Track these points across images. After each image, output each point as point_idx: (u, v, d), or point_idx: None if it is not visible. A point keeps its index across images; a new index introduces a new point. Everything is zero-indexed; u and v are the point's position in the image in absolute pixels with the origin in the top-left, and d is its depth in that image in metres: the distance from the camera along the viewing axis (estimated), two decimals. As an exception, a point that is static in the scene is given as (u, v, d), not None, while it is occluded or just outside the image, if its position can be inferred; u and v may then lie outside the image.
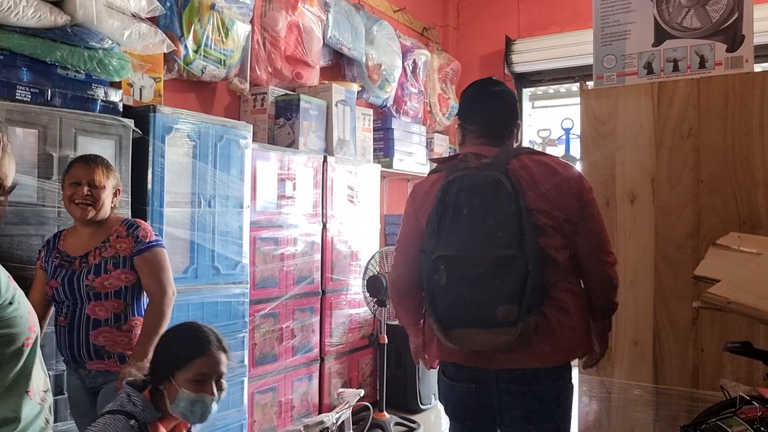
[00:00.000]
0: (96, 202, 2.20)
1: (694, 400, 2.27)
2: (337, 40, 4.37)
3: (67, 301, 2.21)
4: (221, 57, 3.46)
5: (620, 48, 2.59)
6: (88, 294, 2.19)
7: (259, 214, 3.51)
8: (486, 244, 1.74)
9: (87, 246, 2.25)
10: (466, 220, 1.78)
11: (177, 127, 2.92)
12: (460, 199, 1.79)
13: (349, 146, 4.32)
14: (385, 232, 5.32)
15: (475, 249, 1.75)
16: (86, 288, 2.19)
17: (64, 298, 2.21)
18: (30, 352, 1.13)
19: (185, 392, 1.75)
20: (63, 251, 2.27)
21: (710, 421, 1.63)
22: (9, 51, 2.38)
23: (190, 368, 1.76)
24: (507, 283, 1.71)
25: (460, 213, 1.79)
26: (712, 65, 2.46)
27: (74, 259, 2.23)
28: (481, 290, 1.72)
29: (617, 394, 2.43)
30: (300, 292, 3.82)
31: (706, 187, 2.35)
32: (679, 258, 2.38)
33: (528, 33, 5.95)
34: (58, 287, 2.21)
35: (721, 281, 1.69)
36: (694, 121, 2.38)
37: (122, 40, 2.71)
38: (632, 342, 2.43)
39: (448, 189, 1.82)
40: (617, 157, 2.51)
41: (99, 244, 2.25)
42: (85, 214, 2.19)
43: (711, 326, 2.30)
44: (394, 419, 4.03)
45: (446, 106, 5.96)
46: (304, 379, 3.89)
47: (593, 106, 2.57)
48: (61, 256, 2.25)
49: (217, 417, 3.09)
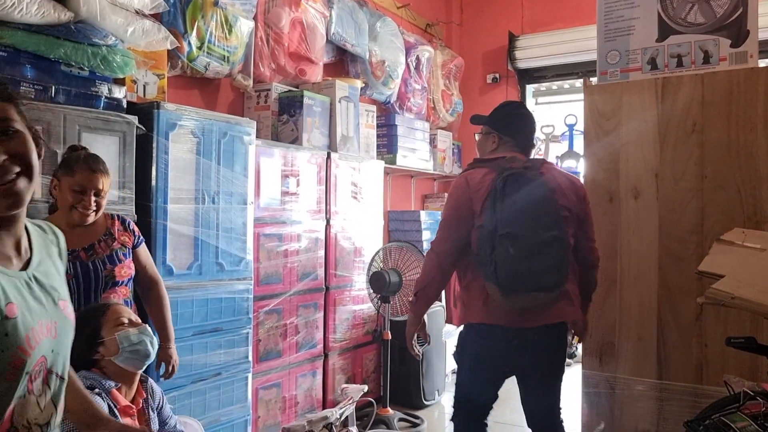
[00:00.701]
0: (99, 209, 2.26)
1: (698, 396, 2.27)
2: (340, 36, 4.37)
3: (80, 292, 2.25)
4: (225, 53, 3.46)
5: (624, 44, 2.58)
6: (106, 283, 2.28)
7: (263, 211, 3.51)
8: (536, 226, 2.22)
9: (87, 239, 2.29)
10: (521, 206, 2.23)
11: (181, 123, 2.92)
12: (516, 189, 2.25)
13: (352, 143, 4.32)
14: (388, 228, 5.32)
15: (529, 229, 2.21)
16: (105, 277, 2.28)
17: (77, 289, 2.25)
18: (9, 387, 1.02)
19: (123, 334, 1.87)
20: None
21: (714, 417, 1.63)
22: (13, 48, 2.38)
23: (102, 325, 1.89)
24: (551, 258, 2.20)
25: (517, 200, 2.23)
26: (717, 61, 2.45)
27: (77, 251, 2.26)
28: (533, 262, 2.18)
29: (621, 390, 2.43)
30: (304, 288, 3.82)
31: (711, 182, 2.34)
32: (683, 253, 2.37)
33: (531, 29, 5.93)
34: (71, 280, 2.24)
35: (726, 277, 1.69)
36: (698, 116, 2.37)
37: (126, 37, 2.72)
38: (636, 337, 2.43)
39: (506, 181, 2.26)
40: (621, 153, 2.51)
41: (101, 237, 2.32)
42: (86, 220, 2.24)
43: (715, 322, 2.30)
44: (398, 415, 4.04)
45: (449, 103, 5.95)
46: (308, 375, 3.90)
47: (597, 102, 2.56)
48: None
49: (221, 413, 3.10)
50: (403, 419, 4.07)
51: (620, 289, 2.47)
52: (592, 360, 2.50)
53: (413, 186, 5.87)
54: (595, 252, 2.39)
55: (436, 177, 6.08)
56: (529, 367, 2.33)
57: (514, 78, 6.14)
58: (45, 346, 1.08)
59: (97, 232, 2.32)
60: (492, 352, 2.34)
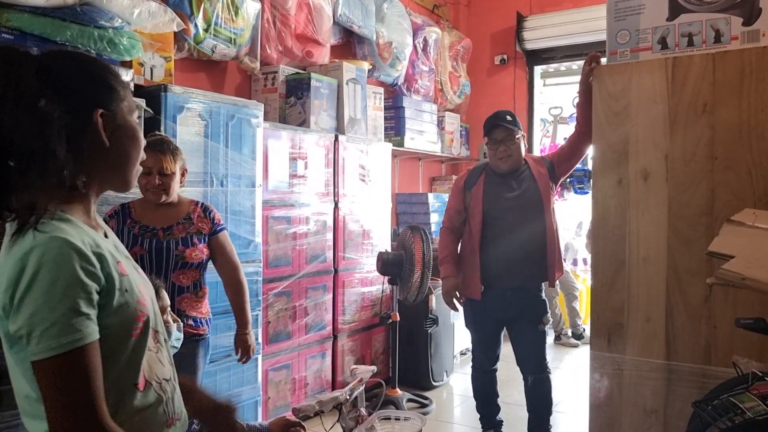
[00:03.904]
0: (167, 189, 2.37)
1: (707, 377, 2.27)
2: (347, 17, 4.34)
3: (151, 268, 2.35)
4: (231, 36, 3.45)
5: (634, 23, 2.55)
6: (176, 262, 2.39)
7: (271, 193, 3.52)
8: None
9: (168, 220, 2.42)
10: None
11: (188, 106, 2.92)
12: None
13: (360, 125, 4.31)
14: (396, 211, 5.32)
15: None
16: (176, 257, 2.39)
17: (149, 265, 2.35)
18: (137, 343, 1.07)
19: (169, 327, 1.87)
20: (139, 221, 2.41)
21: (722, 397, 1.63)
22: (19, 30, 2.38)
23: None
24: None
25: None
26: (728, 39, 2.42)
27: (156, 230, 2.39)
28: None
29: (629, 371, 2.43)
30: (312, 270, 3.84)
31: (721, 163, 2.32)
32: (692, 235, 2.36)
33: (540, 9, 5.87)
34: (144, 254, 2.36)
35: (736, 257, 1.68)
36: (709, 96, 2.35)
37: (132, 19, 2.71)
38: (644, 319, 2.43)
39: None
40: (630, 134, 2.48)
41: (181, 220, 2.45)
42: (159, 199, 2.38)
43: (724, 303, 2.29)
44: (406, 396, 4.07)
45: (457, 84, 5.92)
46: (318, 357, 3.93)
47: (606, 82, 2.54)
48: (138, 225, 2.40)
49: (232, 394, 3.13)
50: (411, 400, 4.11)
51: (629, 270, 2.46)
52: (600, 341, 2.51)
53: (421, 168, 5.86)
54: None
55: (443, 159, 6.06)
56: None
57: (522, 59, 6.09)
58: (149, 303, 1.12)
59: (179, 215, 2.45)
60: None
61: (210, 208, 2.56)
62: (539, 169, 3.11)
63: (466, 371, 3.79)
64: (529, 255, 3.06)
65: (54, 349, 0.92)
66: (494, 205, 3.08)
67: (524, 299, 3.08)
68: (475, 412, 3.37)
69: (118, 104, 1.10)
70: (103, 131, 1.06)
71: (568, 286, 5.95)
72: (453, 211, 3.24)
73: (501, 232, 3.06)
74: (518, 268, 3.05)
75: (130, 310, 1.05)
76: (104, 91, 1.09)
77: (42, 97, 0.99)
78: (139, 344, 1.08)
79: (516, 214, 3.05)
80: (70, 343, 0.93)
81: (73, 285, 0.95)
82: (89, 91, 1.07)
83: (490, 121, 3.09)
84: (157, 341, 1.15)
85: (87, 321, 0.95)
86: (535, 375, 3.13)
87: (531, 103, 6.14)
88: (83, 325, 0.95)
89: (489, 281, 3.08)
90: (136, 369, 1.07)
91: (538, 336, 3.12)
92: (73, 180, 1.03)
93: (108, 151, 1.08)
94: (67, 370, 0.93)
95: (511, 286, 3.06)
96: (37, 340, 0.92)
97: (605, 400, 2.47)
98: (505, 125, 3.04)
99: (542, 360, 3.14)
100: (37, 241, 0.95)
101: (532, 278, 3.10)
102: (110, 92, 1.09)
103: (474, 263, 3.09)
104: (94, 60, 1.14)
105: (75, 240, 0.97)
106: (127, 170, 1.14)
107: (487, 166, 3.17)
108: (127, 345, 1.05)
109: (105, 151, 1.07)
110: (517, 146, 3.07)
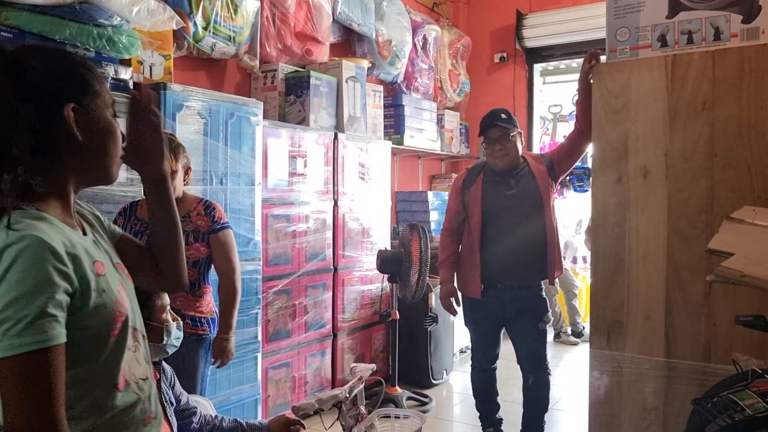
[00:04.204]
0: None
1: (706, 374, 2.27)
2: (346, 15, 4.34)
3: None
4: (231, 34, 3.44)
5: (634, 20, 2.55)
6: None
7: (271, 192, 3.51)
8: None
9: None
10: None
11: (188, 104, 2.92)
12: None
13: (359, 123, 4.31)
14: (396, 209, 5.32)
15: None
16: None
17: None
18: (116, 343, 1.06)
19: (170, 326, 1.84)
20: (142, 219, 2.41)
21: (722, 394, 1.63)
22: (18, 29, 2.38)
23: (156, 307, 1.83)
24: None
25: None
26: (728, 37, 2.42)
27: None
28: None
29: (629, 368, 2.44)
30: (312, 268, 3.84)
31: (720, 161, 2.32)
32: (692, 232, 2.36)
33: (539, 7, 5.87)
34: None
35: (735, 255, 1.68)
36: (709, 94, 2.34)
37: (131, 17, 2.71)
38: (644, 316, 2.43)
39: None
40: (630, 132, 2.48)
41: (181, 217, 2.36)
42: None
43: (724, 300, 2.29)
44: (406, 394, 4.07)
45: (457, 83, 5.91)
46: (317, 355, 3.93)
47: (606, 80, 2.53)
48: (141, 222, 2.40)
49: (232, 392, 3.13)
50: (411, 398, 4.11)
51: (628, 268, 2.46)
52: (599, 339, 2.51)
53: (420, 166, 5.86)
54: None
55: (443, 157, 6.06)
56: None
57: (521, 57, 6.09)
58: (127, 302, 1.11)
59: (179, 213, 2.38)
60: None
61: (213, 206, 2.53)
62: (539, 167, 3.11)
63: (465, 369, 3.79)
64: (529, 253, 3.05)
65: (16, 348, 0.90)
66: (493, 204, 3.07)
67: (524, 298, 3.08)
68: (474, 410, 3.38)
69: (93, 99, 1.09)
70: (76, 126, 1.05)
71: (568, 284, 5.95)
72: (452, 212, 3.24)
73: (500, 231, 3.06)
74: (518, 266, 3.05)
75: (108, 311, 1.04)
76: (76, 85, 1.07)
77: (11, 92, 0.98)
78: (118, 344, 1.06)
79: (515, 212, 3.05)
80: (33, 344, 0.91)
81: (44, 285, 0.93)
82: (60, 85, 1.05)
83: (486, 120, 3.09)
84: (136, 339, 1.13)
85: (54, 323, 0.93)
86: (535, 375, 3.14)
87: (531, 101, 6.14)
88: (50, 327, 0.93)
89: (489, 280, 3.08)
90: (116, 369, 1.06)
91: (538, 335, 3.12)
92: (30, 177, 1.01)
93: (82, 146, 1.06)
94: (28, 371, 0.91)
95: (511, 285, 3.06)
96: (1, 337, 0.90)
97: (605, 398, 2.48)
98: (500, 124, 3.03)
99: (542, 359, 3.14)
100: (9, 239, 0.93)
101: (532, 277, 3.09)
102: (83, 87, 1.08)
103: (474, 262, 3.09)
104: (67, 54, 1.12)
105: (48, 239, 0.95)
106: (105, 164, 1.12)
107: (486, 165, 3.17)
108: (106, 346, 1.04)
109: (79, 146, 1.06)
110: (513, 144, 3.06)
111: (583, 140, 2.94)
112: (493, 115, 3.08)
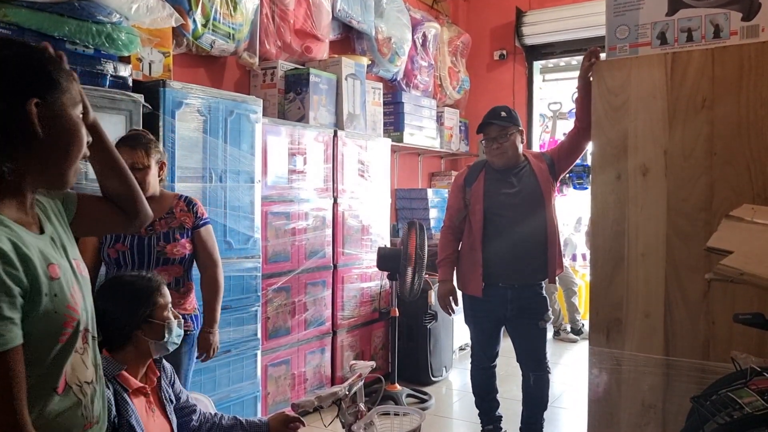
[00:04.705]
0: (143, 184, 2.30)
1: (705, 372, 2.27)
2: (346, 13, 4.34)
3: (133, 265, 2.33)
4: (230, 31, 3.44)
5: (633, 18, 2.54)
6: (158, 259, 2.37)
7: (271, 189, 3.51)
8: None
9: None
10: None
11: (187, 102, 2.92)
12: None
13: (359, 120, 4.30)
14: (396, 206, 5.32)
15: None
16: (157, 253, 2.36)
17: (131, 261, 2.33)
18: (63, 348, 1.04)
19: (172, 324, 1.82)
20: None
21: (721, 392, 1.63)
22: (17, 26, 2.37)
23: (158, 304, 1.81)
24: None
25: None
26: (727, 35, 2.42)
27: None
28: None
29: (628, 366, 2.44)
30: (312, 266, 3.84)
31: (720, 159, 2.32)
32: (691, 230, 2.36)
33: (539, 4, 5.86)
34: (126, 251, 2.34)
35: (734, 253, 1.68)
36: (708, 92, 2.34)
37: (130, 14, 2.70)
38: (643, 314, 2.43)
39: None
40: (629, 130, 2.48)
41: (163, 215, 2.42)
42: None
43: (723, 298, 2.29)
44: (405, 391, 4.08)
45: (456, 80, 5.91)
46: (317, 352, 3.93)
47: (605, 77, 2.53)
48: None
49: (231, 389, 3.13)
50: (410, 395, 4.11)
51: (627, 266, 2.46)
52: (599, 336, 2.51)
53: (420, 164, 5.85)
54: None
55: (443, 155, 6.05)
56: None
57: (521, 54, 6.08)
58: (81, 305, 1.09)
59: (161, 210, 2.42)
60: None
61: (194, 202, 2.53)
62: (539, 165, 3.11)
63: (465, 366, 3.80)
64: (530, 252, 3.05)
65: None
66: (495, 202, 3.07)
67: (525, 297, 3.08)
68: (474, 408, 3.38)
69: (59, 96, 1.06)
70: (37, 121, 1.02)
71: (567, 282, 5.95)
72: (453, 210, 3.23)
73: (502, 229, 3.06)
74: (520, 265, 3.05)
75: (59, 316, 1.02)
76: (42, 80, 1.04)
77: None
78: (65, 348, 1.05)
79: (516, 210, 3.05)
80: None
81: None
82: (25, 79, 1.02)
83: (484, 118, 3.09)
84: (86, 341, 1.12)
85: (10, 325, 0.92)
86: (535, 373, 3.15)
87: (530, 98, 6.13)
88: (6, 329, 0.92)
89: (490, 278, 3.08)
90: (57, 373, 1.05)
91: (538, 333, 3.13)
92: None
93: (41, 143, 1.03)
94: None
95: (512, 283, 3.06)
96: None
97: (604, 395, 2.48)
98: (497, 122, 3.03)
99: (542, 358, 3.15)
100: None
101: (533, 275, 3.09)
102: (49, 82, 1.05)
103: (475, 260, 3.09)
104: (35, 49, 1.08)
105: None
106: (62, 166, 1.09)
107: (487, 163, 3.17)
108: (52, 350, 1.03)
109: (38, 143, 1.03)
110: (511, 143, 3.05)
111: (583, 138, 2.94)
112: (491, 113, 3.08)
